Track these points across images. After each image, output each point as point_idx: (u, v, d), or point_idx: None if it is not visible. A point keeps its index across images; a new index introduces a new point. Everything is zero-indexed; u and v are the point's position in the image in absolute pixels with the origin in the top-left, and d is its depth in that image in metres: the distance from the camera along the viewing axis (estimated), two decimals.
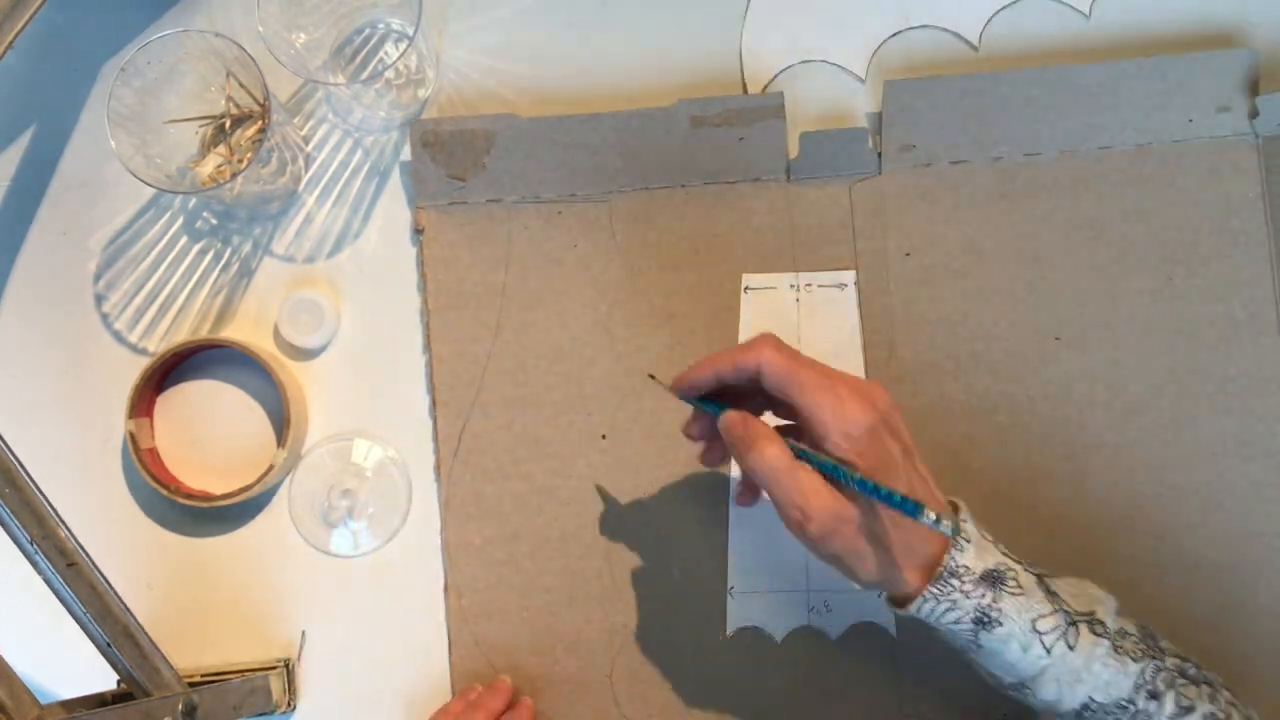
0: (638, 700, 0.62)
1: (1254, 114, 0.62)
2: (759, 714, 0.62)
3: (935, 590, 0.48)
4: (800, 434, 0.51)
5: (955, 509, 0.51)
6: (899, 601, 0.50)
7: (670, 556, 0.62)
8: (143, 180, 0.57)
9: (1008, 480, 0.62)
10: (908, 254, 0.63)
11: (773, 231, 0.63)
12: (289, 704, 0.63)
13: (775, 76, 0.65)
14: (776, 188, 0.63)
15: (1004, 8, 0.65)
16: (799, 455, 0.49)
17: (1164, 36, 0.64)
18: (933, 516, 0.45)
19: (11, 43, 0.57)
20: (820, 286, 0.63)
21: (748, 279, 0.63)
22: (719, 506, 0.62)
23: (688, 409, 0.55)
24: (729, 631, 0.62)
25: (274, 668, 0.62)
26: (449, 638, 0.63)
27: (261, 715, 0.60)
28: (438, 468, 0.63)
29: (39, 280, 0.66)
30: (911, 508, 0.46)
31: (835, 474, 0.48)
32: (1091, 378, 0.62)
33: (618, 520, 0.63)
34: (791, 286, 0.63)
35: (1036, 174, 0.63)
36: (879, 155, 0.63)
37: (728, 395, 0.53)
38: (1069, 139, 0.62)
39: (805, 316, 0.63)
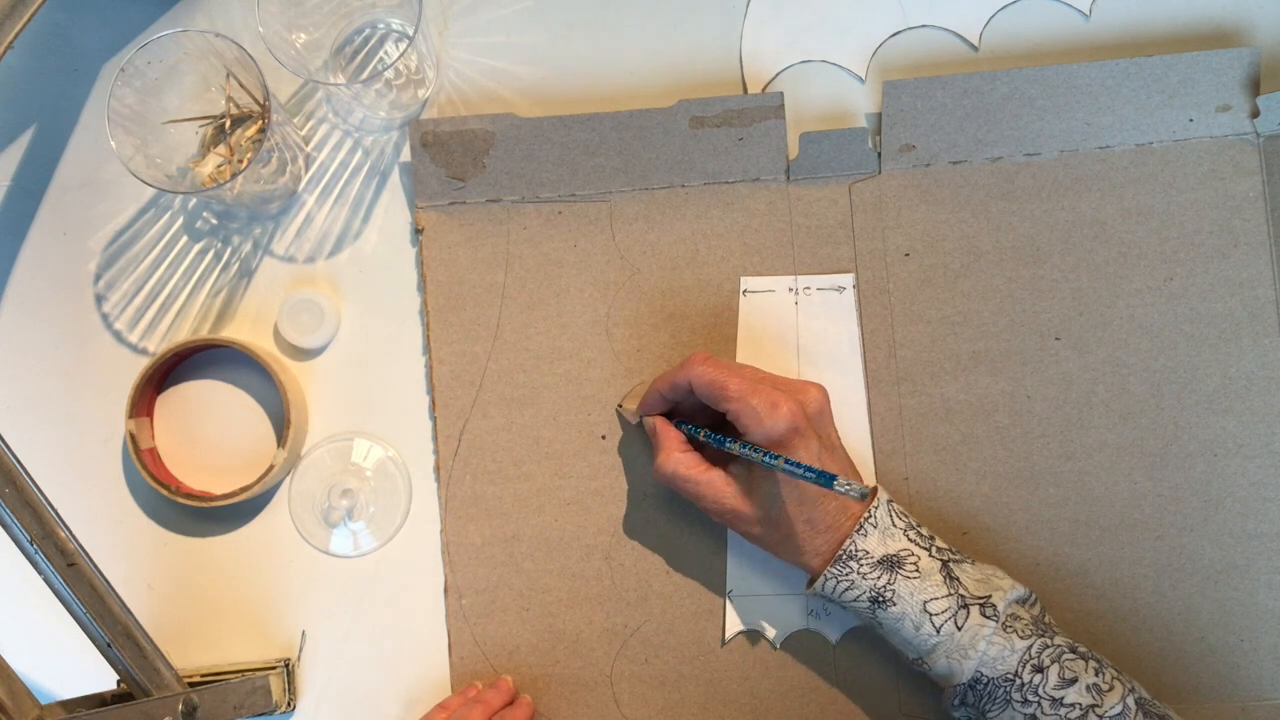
0: (638, 701, 0.62)
1: (1255, 114, 0.62)
2: (758, 717, 0.62)
3: (835, 571, 0.55)
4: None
5: (874, 493, 0.56)
6: (809, 581, 0.57)
7: (670, 558, 0.62)
8: (143, 180, 0.57)
9: (1008, 480, 0.62)
10: (907, 254, 0.63)
11: (772, 231, 0.63)
12: (289, 704, 0.63)
13: (775, 76, 0.65)
14: (776, 188, 0.63)
15: (1004, 8, 0.65)
16: (724, 446, 0.56)
17: (1164, 36, 0.64)
18: (844, 484, 0.51)
19: (11, 43, 0.57)
20: (819, 290, 0.63)
21: (746, 282, 0.63)
22: None
23: None
24: (728, 635, 0.62)
25: (274, 668, 0.62)
26: (449, 638, 0.63)
27: (261, 715, 0.60)
28: (438, 468, 0.63)
29: (39, 280, 0.66)
30: (825, 479, 0.51)
31: (763, 460, 0.54)
32: (1091, 378, 0.62)
33: (617, 521, 0.63)
34: (790, 289, 0.63)
35: (1036, 174, 0.63)
36: (879, 155, 0.63)
37: (689, 409, 0.60)
38: (1069, 139, 0.62)
39: (804, 319, 0.63)
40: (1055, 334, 0.62)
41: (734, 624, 0.62)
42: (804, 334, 0.63)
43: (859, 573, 0.55)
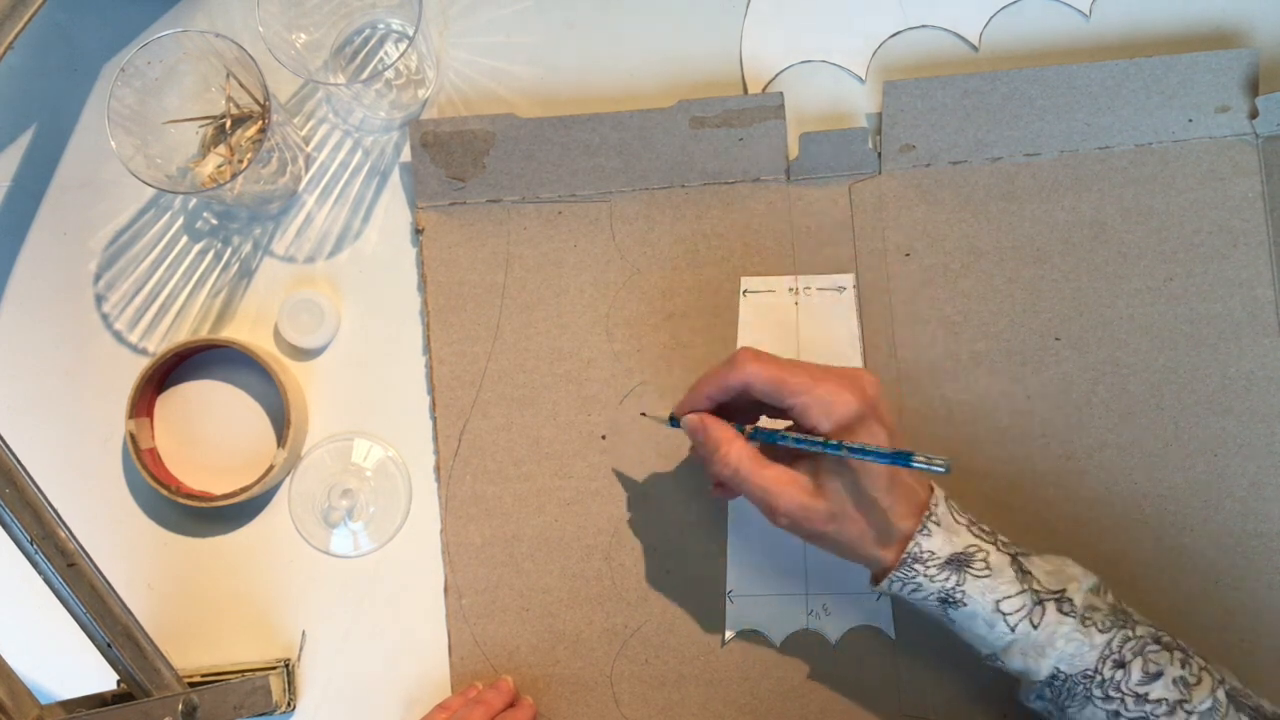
0: (638, 701, 0.62)
1: (1254, 114, 0.62)
2: (758, 717, 0.62)
3: (900, 574, 0.52)
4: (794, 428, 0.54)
5: (930, 490, 0.54)
6: (875, 578, 0.54)
7: (670, 558, 0.62)
8: (143, 180, 0.57)
9: (1008, 480, 0.62)
10: (908, 254, 0.63)
11: (772, 232, 0.63)
12: (289, 704, 0.63)
13: (775, 76, 0.65)
14: (776, 188, 0.63)
15: (1004, 8, 0.65)
16: (782, 441, 0.52)
17: (1164, 36, 0.64)
18: (922, 459, 0.48)
19: (11, 43, 0.57)
20: (819, 290, 0.63)
21: (746, 282, 0.63)
22: (719, 509, 0.62)
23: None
24: (728, 635, 0.62)
25: (274, 668, 0.62)
26: (449, 638, 0.63)
27: (261, 715, 0.60)
28: (438, 468, 0.63)
29: (39, 280, 0.66)
30: (901, 457, 0.49)
31: (825, 449, 0.51)
32: (1092, 378, 0.62)
33: (618, 521, 0.63)
34: (790, 289, 0.63)
35: (1036, 174, 0.63)
36: (879, 155, 0.63)
37: (723, 410, 0.55)
38: (1069, 139, 0.62)
39: (804, 319, 0.63)
40: (1055, 334, 0.62)
41: (734, 624, 0.62)
42: (804, 334, 0.63)
43: (925, 575, 0.52)
